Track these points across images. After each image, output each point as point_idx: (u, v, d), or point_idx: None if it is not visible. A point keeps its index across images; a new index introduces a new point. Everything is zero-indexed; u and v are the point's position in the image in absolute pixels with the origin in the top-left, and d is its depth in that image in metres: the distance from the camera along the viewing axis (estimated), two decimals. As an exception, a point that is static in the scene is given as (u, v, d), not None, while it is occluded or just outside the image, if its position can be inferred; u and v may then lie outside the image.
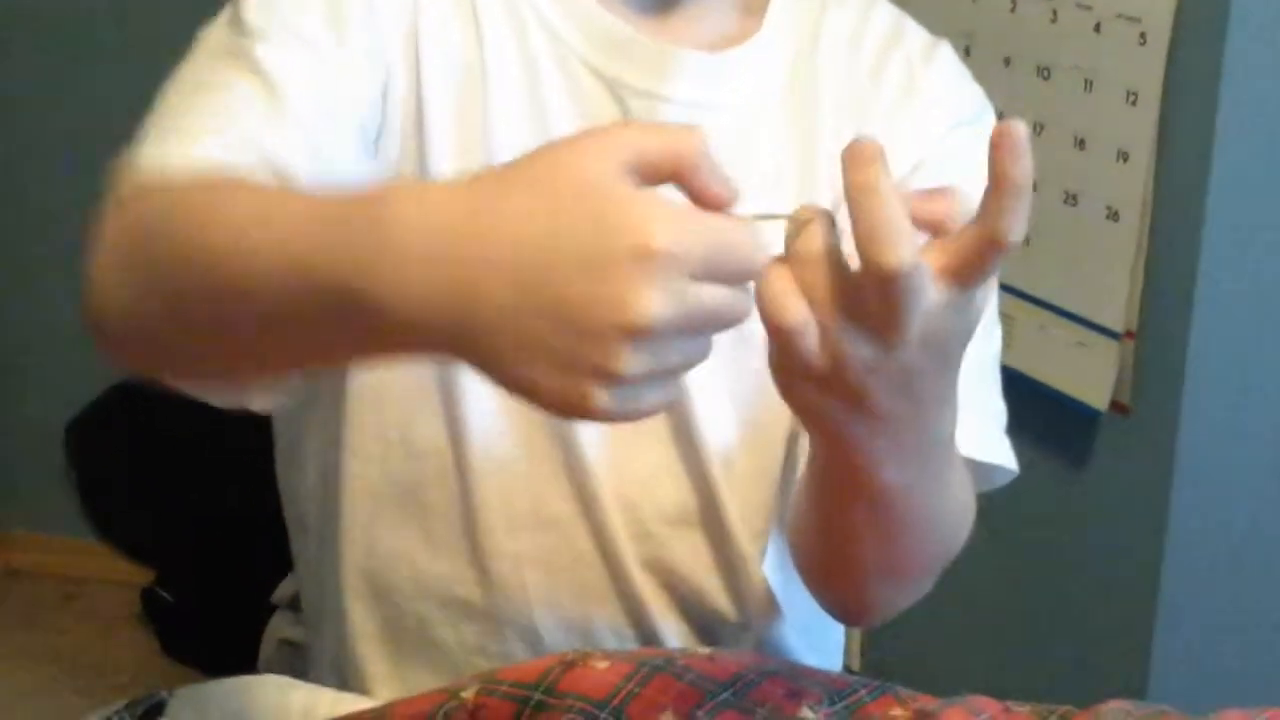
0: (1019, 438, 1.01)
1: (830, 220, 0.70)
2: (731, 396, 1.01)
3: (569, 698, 0.89)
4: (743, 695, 0.90)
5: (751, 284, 0.66)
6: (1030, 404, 1.16)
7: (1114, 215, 1.66)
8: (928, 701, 0.93)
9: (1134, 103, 1.62)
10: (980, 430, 0.98)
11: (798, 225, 0.70)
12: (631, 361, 0.62)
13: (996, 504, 0.97)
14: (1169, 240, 1.63)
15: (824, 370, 0.71)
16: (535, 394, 0.63)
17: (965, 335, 0.73)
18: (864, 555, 0.90)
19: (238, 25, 0.93)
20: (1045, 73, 1.70)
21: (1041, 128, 1.71)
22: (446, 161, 0.97)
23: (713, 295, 0.63)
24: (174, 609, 2.57)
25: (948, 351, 0.74)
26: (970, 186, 0.97)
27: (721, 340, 0.95)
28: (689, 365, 0.65)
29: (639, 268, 0.61)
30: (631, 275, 0.61)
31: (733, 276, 0.64)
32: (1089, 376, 1.71)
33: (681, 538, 1.03)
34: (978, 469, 0.97)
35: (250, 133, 0.87)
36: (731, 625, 1.05)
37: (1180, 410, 1.65)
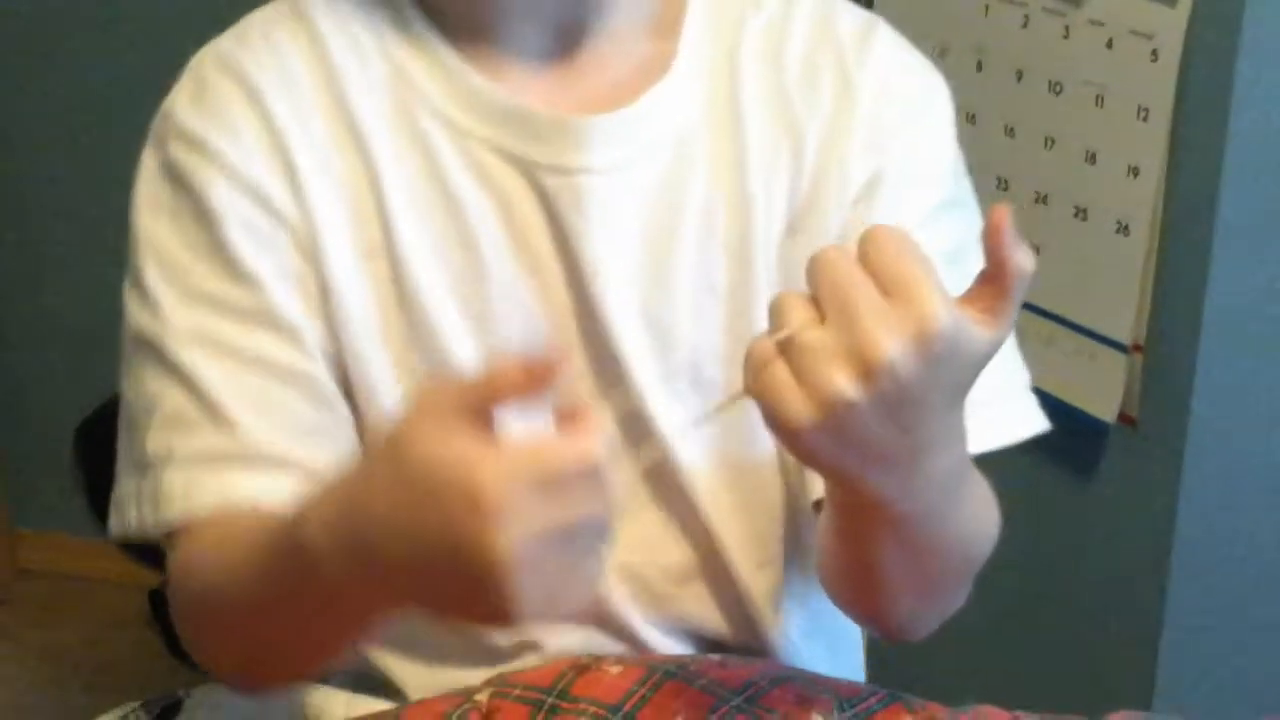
0: (1025, 449, 1.01)
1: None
2: (710, 438, 0.99)
3: (582, 702, 0.90)
4: (754, 702, 0.91)
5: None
6: (1038, 416, 1.16)
7: (1124, 229, 1.66)
8: (937, 710, 0.93)
9: (1145, 118, 1.62)
10: (1004, 415, 0.97)
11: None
12: (522, 590, 0.65)
13: (1003, 514, 0.97)
14: (1178, 254, 1.63)
15: (829, 431, 0.72)
16: (468, 622, 0.71)
17: (975, 370, 0.74)
18: (891, 578, 0.91)
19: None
20: (1057, 87, 1.70)
21: (1053, 142, 1.71)
22: (347, 275, 0.94)
23: (566, 507, 0.66)
24: (182, 610, 2.57)
25: (958, 386, 0.75)
26: (932, 189, 0.97)
27: (683, 386, 0.96)
28: (588, 555, 0.68)
29: (479, 517, 0.64)
30: (477, 526, 0.65)
31: (576, 484, 0.66)
32: (1097, 389, 1.71)
33: (689, 591, 1.02)
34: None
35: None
36: (749, 655, 1.04)
37: (1188, 423, 1.65)
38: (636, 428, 0.98)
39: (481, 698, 0.92)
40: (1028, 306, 1.75)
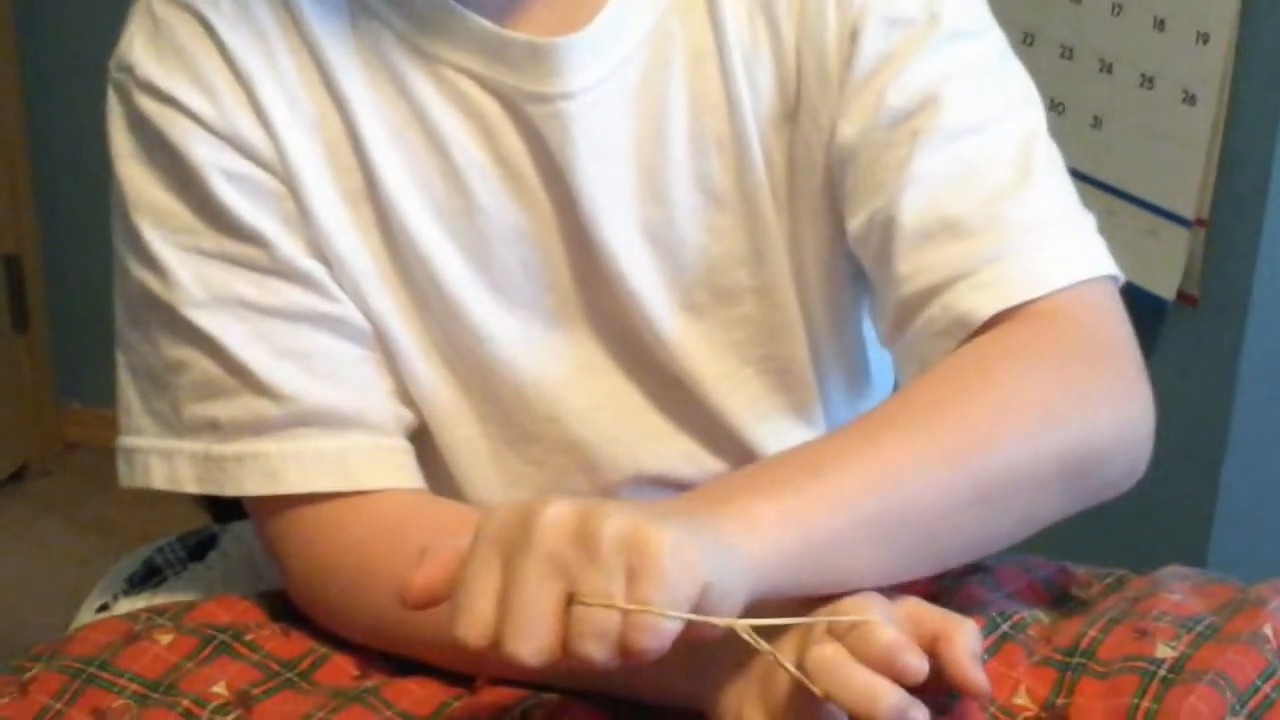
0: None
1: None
2: (728, 348, 0.97)
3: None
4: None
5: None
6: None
7: (1190, 98, 1.62)
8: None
9: (1216, -20, 1.58)
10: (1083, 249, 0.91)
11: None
12: None
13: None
14: (1246, 125, 1.59)
15: None
16: None
17: None
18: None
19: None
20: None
21: (1119, 8, 1.67)
22: (333, 219, 0.90)
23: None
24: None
25: None
26: (925, 25, 0.91)
27: (700, 298, 0.93)
28: None
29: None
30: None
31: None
32: (1157, 265, 1.68)
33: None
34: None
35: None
36: None
37: (1250, 302, 1.62)
38: (652, 351, 0.95)
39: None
40: (1087, 179, 1.72)
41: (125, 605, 1.00)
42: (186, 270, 0.88)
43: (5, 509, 2.59)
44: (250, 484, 0.88)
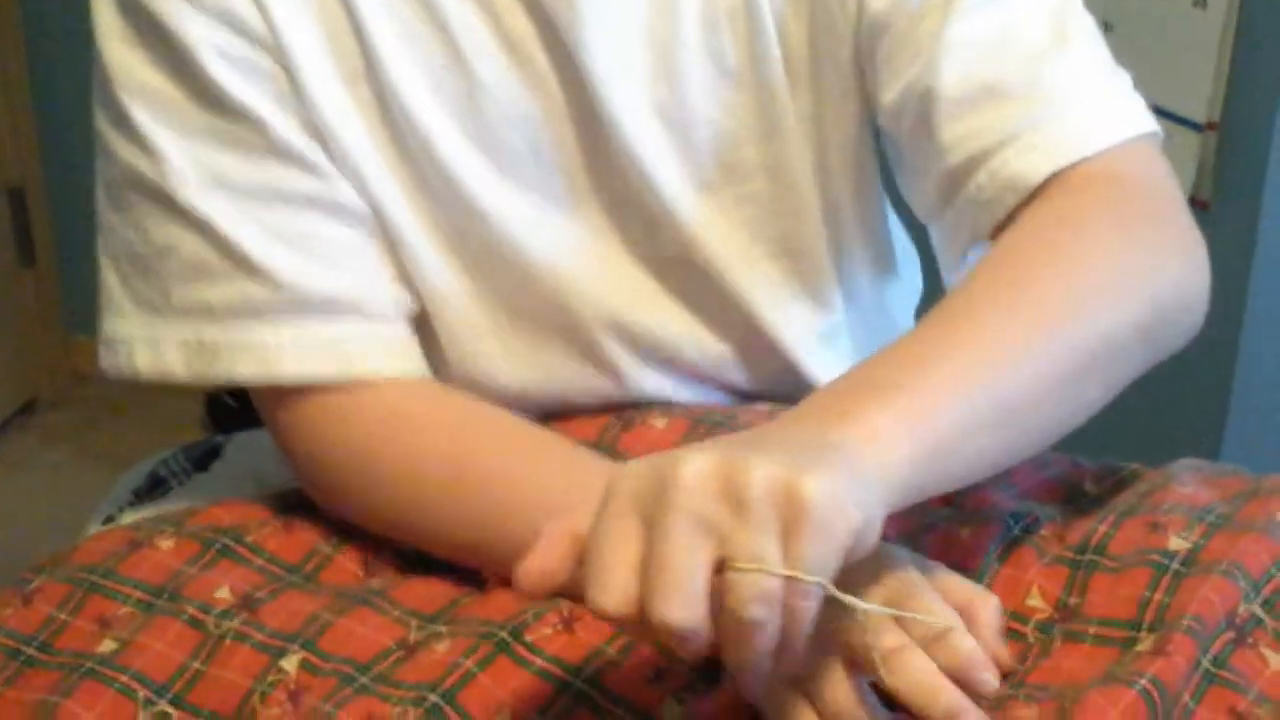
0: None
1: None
2: (739, 226, 0.96)
3: (624, 457, 0.88)
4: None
5: None
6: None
7: (1201, 2, 1.60)
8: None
9: (1228, -120, 1.56)
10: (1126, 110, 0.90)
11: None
12: None
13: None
14: (1257, 28, 1.57)
15: None
16: None
17: None
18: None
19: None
20: None
21: (1129, -89, 1.64)
22: (333, 104, 0.88)
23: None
24: (238, 414, 2.58)
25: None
26: None
27: (711, 175, 0.92)
28: None
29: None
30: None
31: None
32: (1168, 170, 1.66)
33: (730, 370, 1.00)
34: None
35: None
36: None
37: (1261, 206, 1.61)
38: (663, 231, 0.94)
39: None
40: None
41: (130, 517, 1.00)
42: (177, 150, 0.86)
43: (15, 441, 2.59)
44: (243, 369, 0.86)
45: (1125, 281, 0.81)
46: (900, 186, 0.97)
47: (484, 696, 0.72)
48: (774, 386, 1.01)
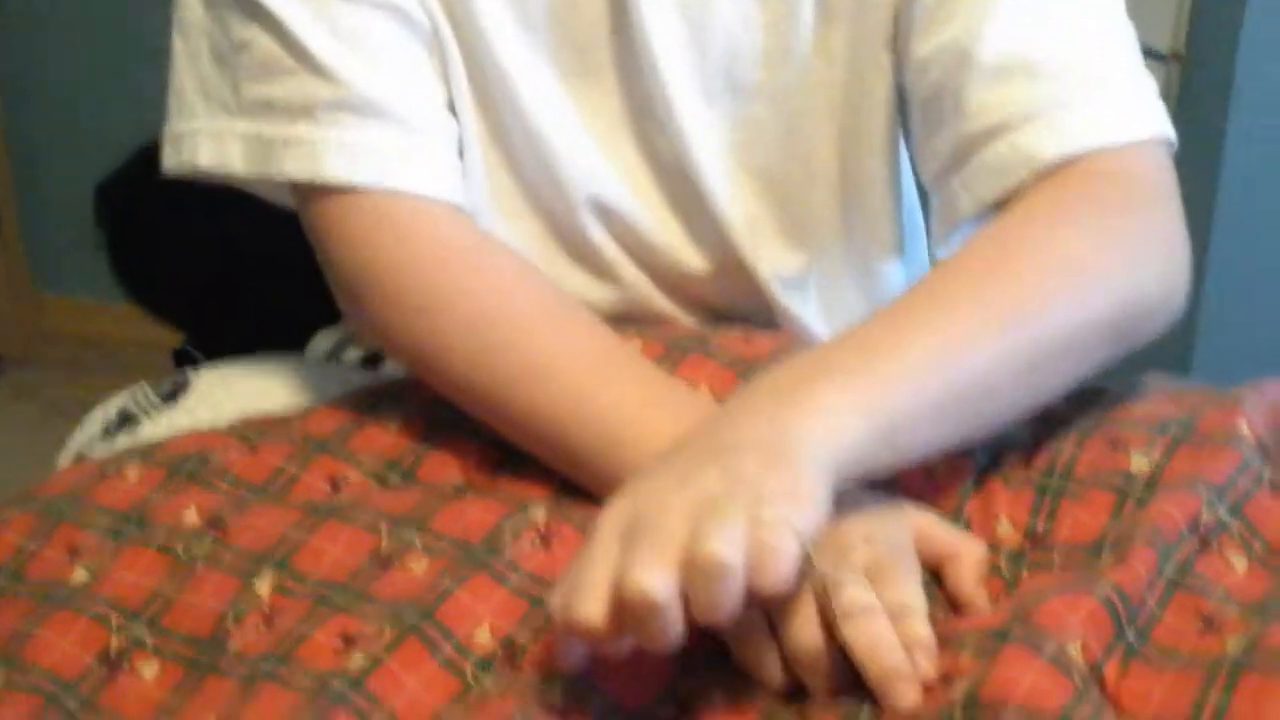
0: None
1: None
2: (729, 146, 0.97)
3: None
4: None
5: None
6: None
7: (1163, -67, 1.61)
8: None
9: None
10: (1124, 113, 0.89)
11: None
12: None
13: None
14: (1219, -43, 1.58)
15: None
16: None
17: None
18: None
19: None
20: None
21: None
22: None
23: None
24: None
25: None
26: None
27: (717, 85, 0.92)
28: None
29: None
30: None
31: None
32: (1132, 103, 1.67)
33: (709, 283, 1.01)
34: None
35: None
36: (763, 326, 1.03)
37: (1225, 139, 1.61)
38: (664, 130, 0.95)
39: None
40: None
41: (102, 450, 1.00)
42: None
43: (-17, 397, 2.59)
44: (291, 166, 0.88)
45: (1099, 280, 0.81)
46: (907, 145, 0.97)
47: (462, 612, 0.72)
48: (749, 314, 1.02)
